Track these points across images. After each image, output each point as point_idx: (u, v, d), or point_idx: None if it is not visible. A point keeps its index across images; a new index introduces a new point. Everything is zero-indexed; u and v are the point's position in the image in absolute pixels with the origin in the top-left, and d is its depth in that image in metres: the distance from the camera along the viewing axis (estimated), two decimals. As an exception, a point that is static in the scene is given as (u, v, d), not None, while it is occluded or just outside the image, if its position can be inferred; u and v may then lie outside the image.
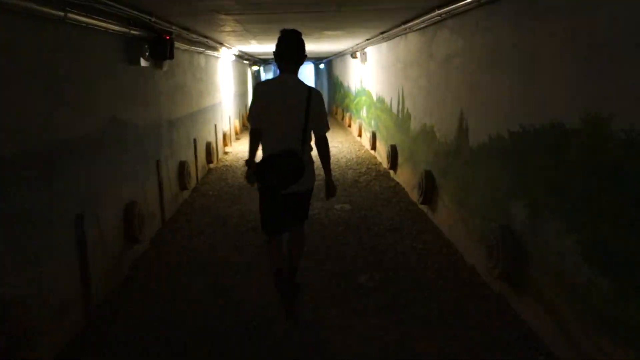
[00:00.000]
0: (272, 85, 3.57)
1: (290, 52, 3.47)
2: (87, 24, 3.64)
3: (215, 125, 9.85)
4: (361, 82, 11.95)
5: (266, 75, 25.76)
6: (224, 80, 11.46)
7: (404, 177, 7.28)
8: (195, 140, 7.87)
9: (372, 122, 10.31)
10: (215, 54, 9.79)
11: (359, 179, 8.14)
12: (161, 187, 5.82)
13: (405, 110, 7.22)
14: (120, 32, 4.30)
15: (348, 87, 14.67)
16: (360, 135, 12.11)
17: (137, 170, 4.93)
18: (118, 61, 4.53)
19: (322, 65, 25.60)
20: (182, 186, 6.89)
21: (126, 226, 4.46)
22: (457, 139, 4.93)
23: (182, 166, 6.88)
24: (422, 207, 6.14)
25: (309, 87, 3.46)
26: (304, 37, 3.53)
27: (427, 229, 5.57)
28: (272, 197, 3.55)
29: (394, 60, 7.87)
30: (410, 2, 4.93)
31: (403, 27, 6.51)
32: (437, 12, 4.83)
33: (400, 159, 7.56)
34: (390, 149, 7.82)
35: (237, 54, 12.15)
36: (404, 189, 7.25)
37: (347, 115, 14.45)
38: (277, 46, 3.51)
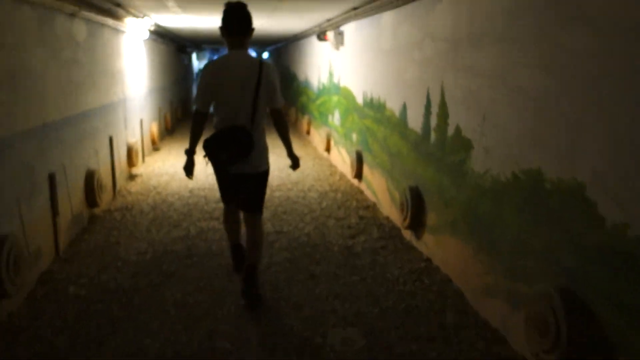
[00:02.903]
0: (221, 63, 3.45)
1: (237, 26, 3.41)
2: None
3: (111, 139, 6.19)
4: (331, 74, 8.56)
5: (200, 64, 21.86)
6: (133, 67, 7.78)
7: (450, 253, 3.98)
8: (52, 176, 4.23)
9: (355, 136, 6.96)
10: (114, 24, 6.14)
11: (350, 242, 4.77)
12: None
13: (451, 131, 3.92)
14: None
15: (306, 81, 11.23)
16: (328, 149, 8.73)
17: None
18: None
19: (265, 54, 22.07)
20: None
21: None
22: None
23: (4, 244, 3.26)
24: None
25: (260, 60, 3.42)
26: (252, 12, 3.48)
27: None
28: (223, 173, 3.56)
29: (419, 37, 4.54)
30: None
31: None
32: None
33: (434, 218, 4.27)
34: (409, 195, 4.51)
35: (153, 29, 8.45)
36: (451, 280, 3.95)
37: (305, 118, 11.02)
38: (223, 20, 3.41)
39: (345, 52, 7.47)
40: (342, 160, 7.80)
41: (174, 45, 12.78)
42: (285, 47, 14.74)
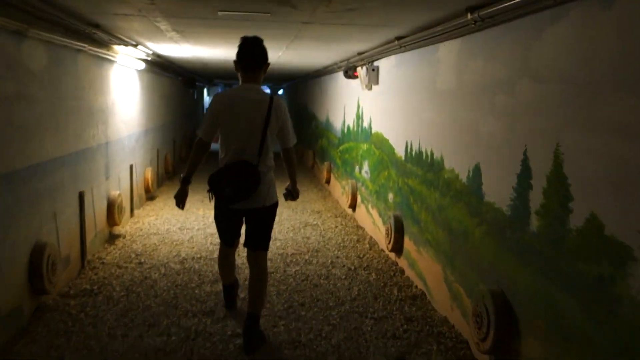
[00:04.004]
0: (231, 95, 3.42)
1: (251, 61, 3.36)
2: None
3: (82, 195, 4.80)
4: (359, 117, 7.19)
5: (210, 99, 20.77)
6: (123, 103, 6.46)
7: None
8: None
9: (392, 197, 5.52)
10: (96, 51, 4.85)
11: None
12: None
13: (579, 222, 2.46)
14: None
15: (326, 122, 9.89)
16: (353, 206, 7.29)
17: None
18: None
19: (281, 91, 20.94)
20: None
21: None
22: None
23: None
24: None
25: (271, 96, 3.37)
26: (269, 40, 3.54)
27: None
28: (226, 210, 3.45)
29: (507, 75, 3.15)
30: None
31: None
32: None
33: (538, 350, 2.78)
34: (490, 305, 3.02)
35: (151, 59, 7.18)
36: None
37: (324, 165, 9.62)
38: (238, 54, 3.37)
39: (380, 91, 6.10)
40: (371, 222, 6.35)
41: (180, 79, 11.56)
42: (303, 83, 13.49)
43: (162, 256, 5.38)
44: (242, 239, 3.72)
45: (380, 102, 6.08)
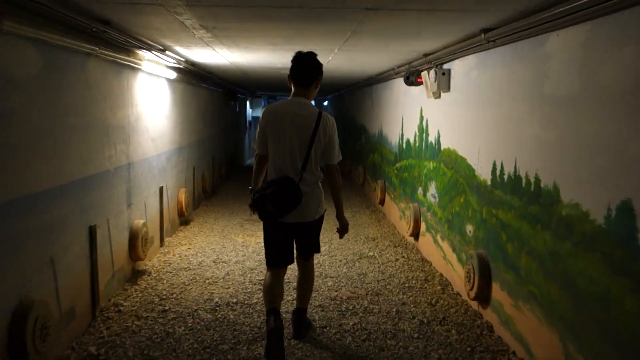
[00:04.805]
0: (279, 108, 3.41)
1: (303, 75, 3.39)
2: None
3: (93, 230, 3.92)
4: (422, 130, 6.13)
5: (253, 112, 20.02)
6: (151, 117, 5.62)
7: None
8: None
9: (472, 230, 4.44)
10: (112, 56, 4.01)
11: None
12: None
13: None
14: None
15: (379, 135, 8.85)
16: (415, 234, 6.21)
17: None
18: None
19: (325, 102, 20.04)
20: None
21: None
22: None
23: None
24: None
25: (320, 111, 3.36)
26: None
27: None
28: (272, 226, 3.46)
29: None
30: None
31: None
32: None
33: None
34: None
35: (184, 67, 6.33)
36: None
37: (377, 184, 8.56)
38: (291, 68, 3.40)
39: (452, 100, 5.04)
40: (441, 257, 5.26)
41: (220, 91, 10.77)
42: (350, 93, 12.51)
43: (190, 300, 4.45)
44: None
45: (453, 112, 5.01)
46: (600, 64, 2.66)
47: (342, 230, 3.67)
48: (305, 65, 3.40)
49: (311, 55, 3.41)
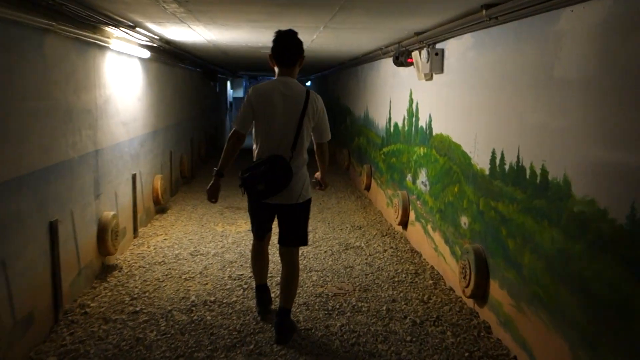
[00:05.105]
0: (268, 87, 3.35)
1: (287, 55, 3.34)
2: None
3: (53, 226, 3.54)
4: (411, 113, 5.81)
5: (234, 92, 19.50)
6: (122, 99, 5.20)
7: None
8: None
9: (467, 222, 4.16)
10: (85, 35, 3.64)
11: None
12: None
13: None
14: None
15: (365, 118, 8.51)
16: (404, 223, 5.92)
17: None
18: None
19: (308, 83, 19.61)
20: None
21: None
22: None
23: None
24: None
25: (307, 90, 3.36)
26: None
27: None
28: (259, 204, 3.47)
29: None
30: None
31: None
32: None
33: None
34: None
35: (158, 45, 5.90)
36: None
37: (364, 169, 8.23)
38: (273, 48, 3.35)
39: (446, 82, 4.71)
40: (432, 248, 4.99)
41: (199, 71, 10.31)
42: (334, 74, 12.11)
43: (164, 299, 4.11)
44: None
45: (446, 95, 4.69)
46: (623, 44, 2.35)
47: (321, 183, 3.68)
48: (288, 46, 3.35)
49: (292, 34, 3.36)
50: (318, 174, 3.70)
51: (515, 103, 3.38)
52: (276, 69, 3.39)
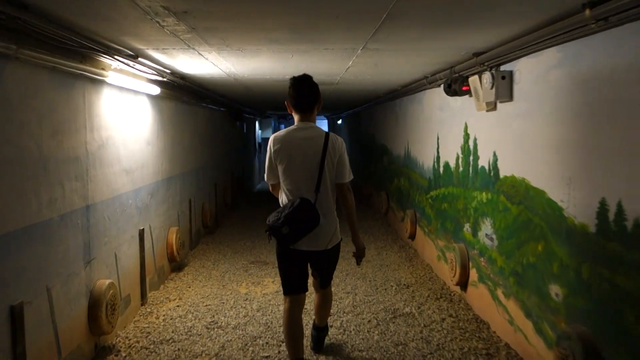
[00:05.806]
0: (286, 134, 3.32)
1: (303, 102, 3.32)
2: None
3: (17, 312, 2.67)
4: (468, 151, 4.85)
5: (262, 133, 18.85)
6: (125, 143, 4.41)
7: None
8: None
9: (561, 293, 3.14)
10: (70, 66, 2.83)
11: None
12: None
13: None
14: None
15: (407, 157, 7.56)
16: (462, 282, 4.89)
17: None
18: None
19: (339, 121, 18.84)
20: None
21: None
22: None
23: None
24: None
25: (326, 132, 3.30)
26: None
27: None
28: (285, 255, 3.34)
29: None
30: None
31: None
32: None
33: None
34: None
35: (169, 80, 5.14)
36: None
37: (407, 215, 7.23)
38: (289, 94, 3.34)
39: (516, 111, 3.76)
40: (504, 319, 3.94)
41: (222, 110, 9.59)
42: (368, 110, 11.27)
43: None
44: None
45: (519, 128, 3.73)
46: None
47: (359, 255, 3.49)
48: (304, 92, 3.31)
49: (307, 79, 3.31)
50: (353, 240, 3.52)
51: (634, 136, 2.41)
52: (294, 115, 3.35)
